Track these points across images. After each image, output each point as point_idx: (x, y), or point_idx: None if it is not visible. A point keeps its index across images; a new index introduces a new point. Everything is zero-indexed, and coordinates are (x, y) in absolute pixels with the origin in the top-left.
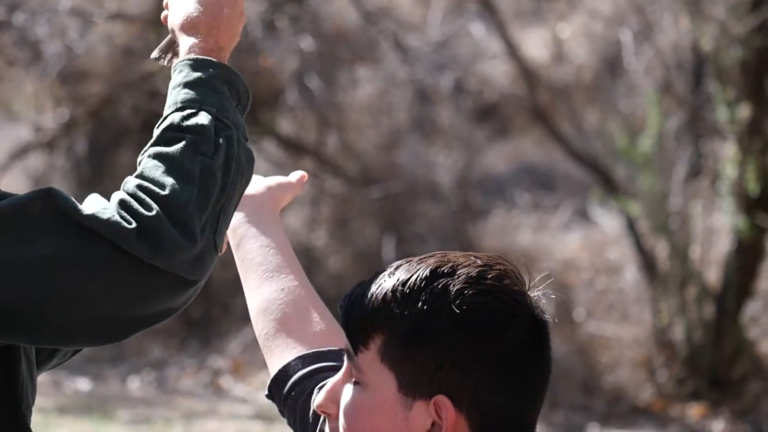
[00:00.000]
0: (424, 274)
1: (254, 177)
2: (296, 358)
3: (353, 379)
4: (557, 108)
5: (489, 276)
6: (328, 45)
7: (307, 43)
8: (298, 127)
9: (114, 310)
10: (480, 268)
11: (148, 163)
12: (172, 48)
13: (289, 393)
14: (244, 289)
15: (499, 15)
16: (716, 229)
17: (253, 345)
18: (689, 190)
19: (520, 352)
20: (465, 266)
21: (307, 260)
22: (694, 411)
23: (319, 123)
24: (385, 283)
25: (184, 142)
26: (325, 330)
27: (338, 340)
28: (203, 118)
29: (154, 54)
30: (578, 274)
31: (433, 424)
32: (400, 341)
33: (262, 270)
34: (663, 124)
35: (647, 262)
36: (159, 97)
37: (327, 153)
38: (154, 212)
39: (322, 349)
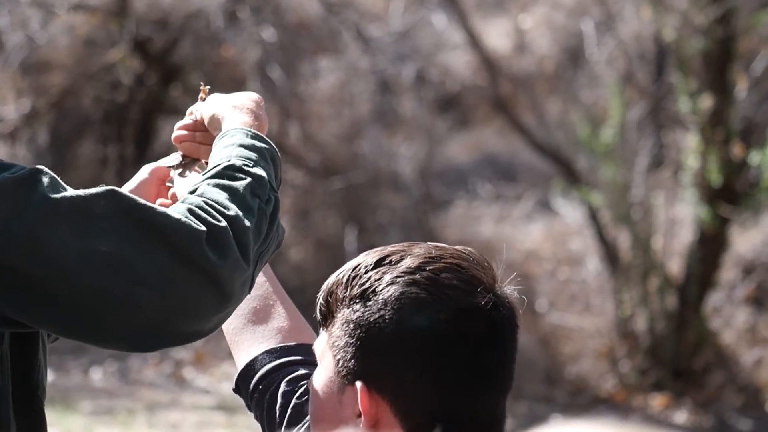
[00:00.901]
0: (371, 261)
1: None
2: (263, 352)
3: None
4: (519, 98)
5: (428, 268)
6: (290, 35)
7: (268, 33)
8: None
9: (153, 319)
10: (424, 259)
11: (208, 188)
12: (189, 167)
13: (256, 387)
14: None
15: (460, 5)
16: (679, 220)
17: (215, 336)
18: (651, 181)
19: (440, 345)
20: (414, 256)
21: None
22: (657, 401)
23: (281, 114)
24: (341, 269)
25: (245, 182)
26: (292, 325)
27: (305, 335)
28: (261, 171)
29: (172, 165)
30: (540, 265)
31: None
32: (339, 324)
33: None
34: (625, 115)
35: (609, 253)
36: (120, 88)
37: (289, 144)
38: (223, 223)
39: (290, 344)
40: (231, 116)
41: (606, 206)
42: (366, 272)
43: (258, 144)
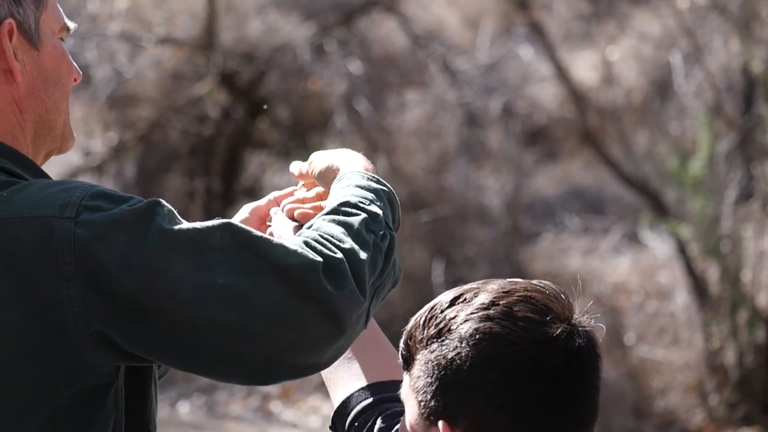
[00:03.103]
0: (447, 300)
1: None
2: (359, 389)
3: None
4: (607, 131)
5: (501, 302)
6: (377, 68)
7: (355, 66)
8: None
9: (271, 352)
10: (497, 294)
11: (323, 224)
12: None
13: (352, 424)
14: None
15: (548, 38)
16: (767, 253)
17: None
18: (740, 213)
19: (517, 377)
20: (488, 292)
21: None
22: None
23: (368, 146)
24: (419, 312)
25: (360, 217)
26: (387, 361)
27: (401, 371)
28: (376, 209)
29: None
30: (628, 298)
31: None
32: (418, 366)
33: None
34: (714, 147)
35: (698, 286)
36: (207, 121)
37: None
38: (339, 255)
39: (385, 380)
40: (346, 163)
41: (695, 239)
42: (441, 312)
43: (375, 185)
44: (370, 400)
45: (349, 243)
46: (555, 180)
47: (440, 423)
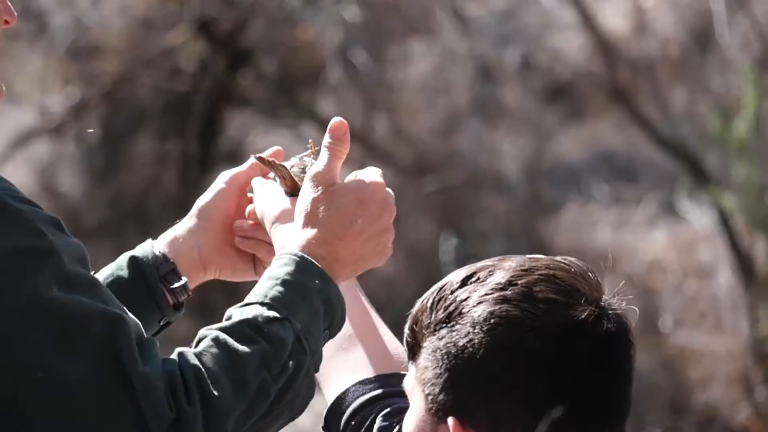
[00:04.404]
0: (457, 280)
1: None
2: (356, 383)
3: None
4: (639, 87)
5: (520, 282)
6: (376, 15)
7: (352, 12)
8: (343, 109)
9: None
10: (515, 273)
11: (212, 349)
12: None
13: (348, 423)
14: None
15: None
16: None
17: None
18: None
19: (538, 368)
20: (504, 271)
21: None
22: None
23: (367, 105)
24: (427, 293)
25: (255, 349)
26: (388, 352)
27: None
28: (285, 332)
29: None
30: (665, 278)
31: None
32: (425, 355)
33: None
34: (761, 105)
35: (744, 264)
36: (181, 75)
37: (376, 139)
38: (195, 408)
39: (386, 372)
40: (291, 234)
41: (740, 210)
42: (452, 293)
43: (307, 283)
44: (369, 395)
45: (221, 388)
46: (580, 143)
47: (450, 420)
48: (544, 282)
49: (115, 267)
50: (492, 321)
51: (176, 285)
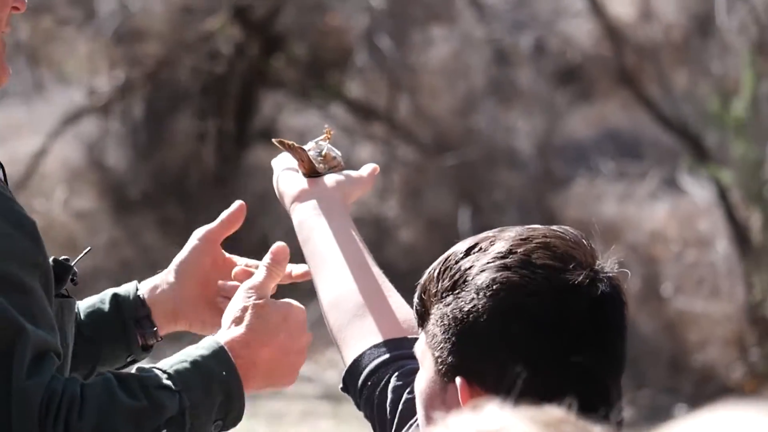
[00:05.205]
0: (461, 250)
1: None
2: (371, 347)
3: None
4: (644, 70)
5: (519, 250)
6: (400, 2)
7: (377, 0)
8: (368, 90)
9: None
10: (514, 242)
11: (98, 387)
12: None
13: (365, 383)
14: (315, 283)
15: None
16: None
17: (319, 322)
18: None
19: (538, 329)
20: (504, 240)
21: (378, 232)
22: None
23: (391, 86)
24: (433, 264)
25: (134, 404)
26: (400, 318)
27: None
28: (171, 403)
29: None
30: (666, 247)
31: None
32: (433, 321)
33: (331, 265)
34: (758, 87)
35: (740, 234)
36: (219, 58)
37: (399, 118)
38: (56, 431)
39: (398, 337)
40: (227, 327)
41: (737, 185)
42: (456, 263)
43: (214, 371)
44: (384, 357)
45: (87, 422)
46: (589, 122)
47: (458, 379)
48: (541, 249)
49: (98, 299)
50: (494, 287)
51: (147, 330)
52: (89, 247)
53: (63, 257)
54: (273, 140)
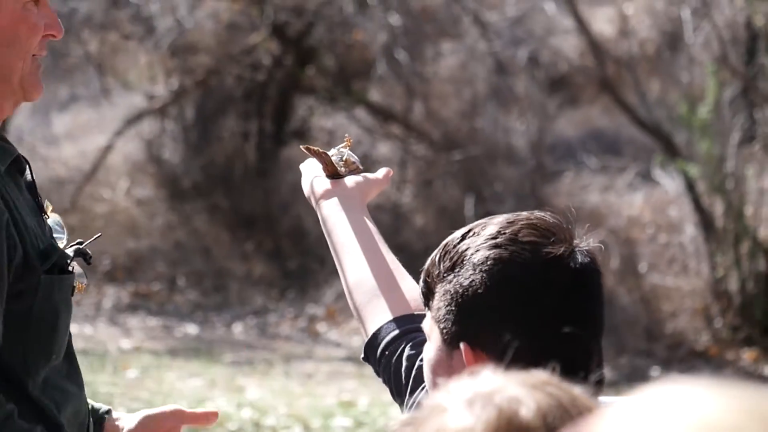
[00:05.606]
0: (458, 236)
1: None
2: (388, 321)
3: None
4: (623, 79)
5: (507, 231)
6: (415, 21)
7: (395, 19)
8: (387, 95)
9: None
10: (503, 225)
11: None
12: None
13: (383, 353)
14: (339, 270)
15: None
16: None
17: (343, 297)
18: (743, 154)
19: (529, 296)
20: (494, 224)
21: (395, 217)
22: (748, 355)
23: (406, 92)
24: (434, 252)
25: None
26: (414, 297)
27: None
28: None
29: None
30: (642, 231)
31: None
32: (438, 298)
33: (352, 253)
34: (719, 94)
35: (705, 220)
36: (260, 68)
37: (413, 119)
38: None
39: (413, 312)
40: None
41: (702, 177)
42: (454, 247)
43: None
44: (398, 330)
45: None
46: (576, 123)
47: (462, 344)
48: (526, 228)
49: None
50: (488, 263)
51: None
52: (99, 234)
53: (77, 240)
54: (301, 147)
